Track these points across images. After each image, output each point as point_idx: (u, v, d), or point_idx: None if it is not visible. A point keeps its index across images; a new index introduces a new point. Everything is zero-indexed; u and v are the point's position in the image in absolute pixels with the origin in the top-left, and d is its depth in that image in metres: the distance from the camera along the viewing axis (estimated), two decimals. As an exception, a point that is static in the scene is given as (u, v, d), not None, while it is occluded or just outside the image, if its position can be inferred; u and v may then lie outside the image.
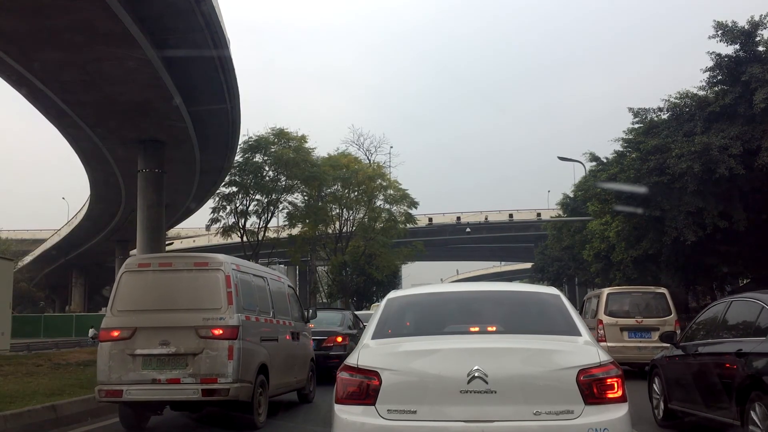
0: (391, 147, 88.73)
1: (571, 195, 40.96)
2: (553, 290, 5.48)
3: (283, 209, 42.45)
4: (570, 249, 41.69)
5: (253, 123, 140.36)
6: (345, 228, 46.44)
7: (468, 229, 51.68)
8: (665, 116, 22.90)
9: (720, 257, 23.99)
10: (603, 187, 25.65)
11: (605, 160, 27.68)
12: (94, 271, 71.50)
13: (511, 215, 60.35)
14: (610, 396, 4.20)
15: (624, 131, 24.90)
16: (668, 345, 8.94)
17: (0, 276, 21.42)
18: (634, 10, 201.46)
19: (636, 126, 24.06)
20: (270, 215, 41.46)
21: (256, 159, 39.60)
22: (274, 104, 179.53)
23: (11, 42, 22.18)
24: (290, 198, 41.97)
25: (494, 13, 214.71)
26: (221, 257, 8.79)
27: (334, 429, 4.38)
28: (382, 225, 46.06)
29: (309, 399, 11.22)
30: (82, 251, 62.46)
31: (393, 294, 5.55)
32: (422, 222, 56.83)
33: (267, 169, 39.94)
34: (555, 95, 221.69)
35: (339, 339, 13.98)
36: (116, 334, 8.27)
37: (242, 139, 37.18)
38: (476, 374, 4.12)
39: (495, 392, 4.11)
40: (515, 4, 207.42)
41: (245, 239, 40.31)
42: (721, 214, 20.78)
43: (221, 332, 8.11)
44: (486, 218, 56.90)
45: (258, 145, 39.34)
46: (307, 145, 41.07)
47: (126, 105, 27.42)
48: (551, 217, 50.06)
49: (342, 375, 4.44)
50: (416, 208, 48.08)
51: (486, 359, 4.19)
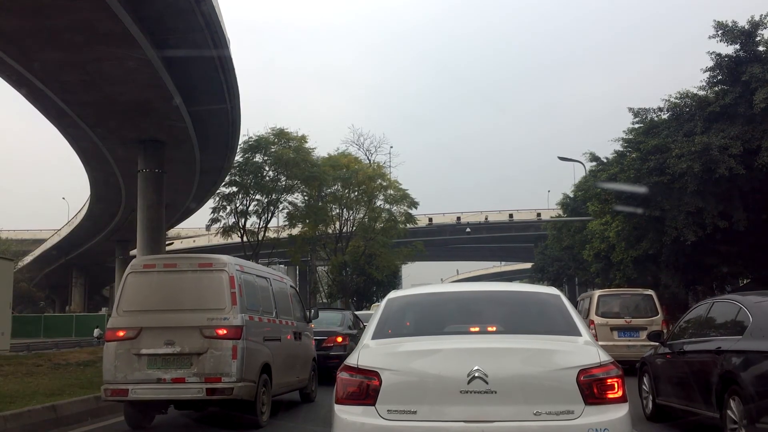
0: (391, 147, 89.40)
1: (571, 195, 40.93)
2: (554, 290, 5.48)
3: (283, 209, 42.40)
4: (570, 249, 41.65)
5: (253, 123, 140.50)
6: (345, 228, 46.35)
7: (468, 229, 51.67)
8: (665, 116, 22.88)
9: (720, 257, 23.95)
10: (603, 187, 25.64)
11: (605, 160, 27.67)
12: (94, 271, 71.55)
13: (511, 215, 60.27)
14: (611, 396, 4.19)
15: (624, 131, 24.90)
16: (656, 343, 9.36)
17: (0, 276, 21.42)
18: (634, 10, 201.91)
19: (636, 126, 24.03)
20: (270, 215, 41.41)
21: (256, 159, 39.50)
22: (274, 104, 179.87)
23: (11, 42, 22.20)
24: (290, 198, 41.91)
25: (494, 13, 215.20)
26: (225, 258, 8.88)
27: (334, 429, 4.37)
28: (382, 225, 45.97)
29: (311, 398, 11.29)
30: (82, 251, 62.47)
31: (393, 294, 5.54)
32: (422, 222, 56.81)
33: (267, 169, 39.84)
34: (555, 95, 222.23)
35: (339, 339, 13.98)
36: (122, 334, 8.37)
37: (242, 139, 37.23)
38: (476, 374, 4.11)
39: (495, 392, 4.11)
40: (515, 4, 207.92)
41: (245, 239, 40.24)
42: (721, 214, 20.77)
43: (225, 332, 8.20)
44: (486, 218, 56.95)
45: (258, 145, 39.25)
46: (307, 145, 41.01)
47: (126, 105, 27.43)
48: (551, 217, 49.98)
49: (342, 375, 4.44)
50: (416, 208, 48.07)
51: (486, 359, 4.18)
